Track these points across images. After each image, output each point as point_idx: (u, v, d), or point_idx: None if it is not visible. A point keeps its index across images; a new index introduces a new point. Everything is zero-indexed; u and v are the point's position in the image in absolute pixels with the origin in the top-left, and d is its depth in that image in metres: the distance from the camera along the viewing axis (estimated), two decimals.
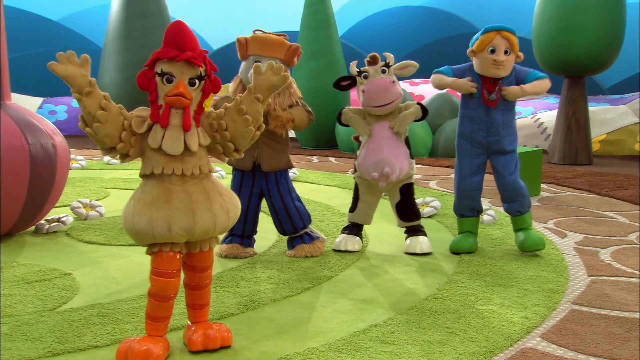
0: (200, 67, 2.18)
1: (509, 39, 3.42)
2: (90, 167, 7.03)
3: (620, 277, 3.27)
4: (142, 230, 2.17)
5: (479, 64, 3.49)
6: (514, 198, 3.62)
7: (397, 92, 3.50)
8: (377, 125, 3.56)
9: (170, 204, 2.17)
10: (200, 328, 2.36)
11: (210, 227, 2.22)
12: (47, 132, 3.89)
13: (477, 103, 3.55)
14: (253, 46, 3.45)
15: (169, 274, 2.25)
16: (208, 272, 2.39)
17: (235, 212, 2.30)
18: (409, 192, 3.67)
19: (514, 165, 3.60)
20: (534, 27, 7.55)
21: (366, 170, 3.56)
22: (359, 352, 2.36)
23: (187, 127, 2.19)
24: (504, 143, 3.56)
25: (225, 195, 2.28)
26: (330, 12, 8.71)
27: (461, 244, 3.64)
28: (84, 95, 2.13)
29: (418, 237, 3.68)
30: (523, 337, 2.52)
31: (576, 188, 5.79)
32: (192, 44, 2.17)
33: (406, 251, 3.66)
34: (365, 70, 3.54)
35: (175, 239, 2.19)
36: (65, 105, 10.34)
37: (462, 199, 3.67)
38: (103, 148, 2.22)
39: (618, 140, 8.17)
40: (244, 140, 2.27)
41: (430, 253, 3.65)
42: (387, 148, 3.52)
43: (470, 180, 3.63)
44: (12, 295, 2.95)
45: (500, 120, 3.54)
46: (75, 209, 4.50)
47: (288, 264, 3.44)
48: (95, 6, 12.40)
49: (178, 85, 2.15)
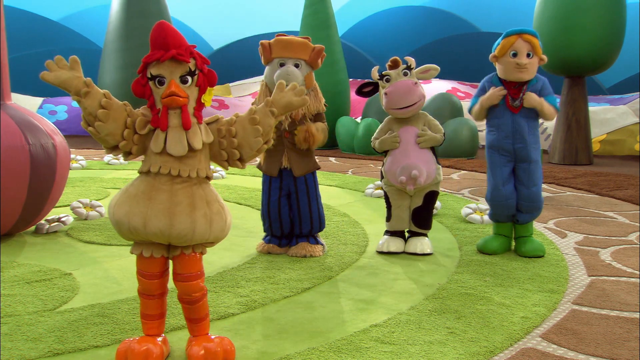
0: (187, 62, 2.12)
1: (531, 41, 3.40)
2: (91, 167, 7.04)
3: (620, 277, 3.27)
4: (120, 221, 2.16)
5: (502, 69, 3.47)
6: (531, 210, 3.59)
7: (420, 93, 3.51)
8: (402, 131, 3.58)
9: (151, 201, 2.13)
10: (202, 341, 2.28)
11: (188, 233, 2.14)
12: (47, 132, 3.89)
13: (502, 110, 3.51)
14: (277, 49, 3.43)
15: (150, 275, 2.25)
16: (195, 282, 2.26)
17: (221, 226, 2.19)
18: (432, 200, 3.67)
19: (538, 175, 3.56)
20: (534, 27, 7.55)
21: (393, 176, 3.57)
22: (359, 352, 2.36)
23: (187, 126, 2.14)
24: (530, 150, 3.51)
25: (214, 205, 2.19)
26: (331, 12, 8.71)
27: (488, 245, 3.63)
28: (83, 97, 2.11)
29: (420, 238, 3.69)
30: (523, 337, 2.52)
31: (576, 188, 5.79)
32: (176, 41, 2.12)
33: (406, 250, 3.66)
34: (387, 74, 3.54)
35: (151, 236, 2.15)
36: (65, 105, 10.34)
37: (498, 208, 3.62)
38: (106, 147, 2.20)
39: (618, 140, 8.18)
40: (250, 151, 2.22)
41: (431, 254, 3.65)
42: (413, 153, 3.54)
43: (503, 189, 3.57)
44: (13, 295, 2.95)
45: (525, 127, 3.49)
46: (76, 209, 4.50)
47: (288, 263, 3.44)
48: (96, 6, 12.41)
49: (170, 85, 2.11)
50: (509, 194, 3.57)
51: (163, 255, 2.23)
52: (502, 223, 3.67)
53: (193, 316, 2.32)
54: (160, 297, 2.31)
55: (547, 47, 7.30)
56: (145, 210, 2.12)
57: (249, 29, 11.98)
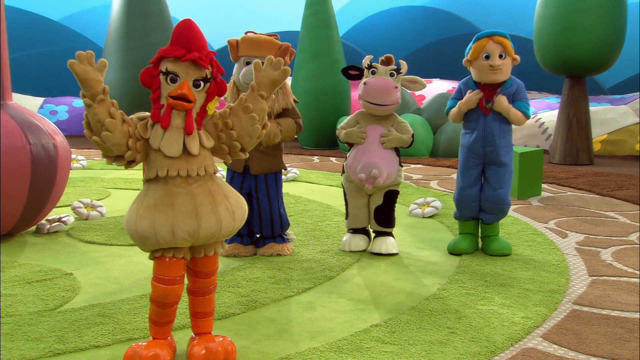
0: (206, 68, 2.12)
1: (502, 43, 3.43)
2: (91, 167, 7.04)
3: (621, 277, 3.27)
4: (145, 234, 2.11)
5: (476, 72, 3.50)
6: (495, 212, 3.64)
7: (395, 98, 3.51)
8: (370, 128, 3.58)
9: (174, 207, 2.11)
10: (203, 341, 2.28)
11: (216, 231, 2.16)
12: (48, 132, 3.89)
13: (475, 113, 3.56)
14: (244, 47, 3.45)
15: (170, 280, 2.19)
16: (212, 277, 2.32)
17: (242, 215, 2.23)
18: (392, 199, 3.68)
19: (506, 179, 3.61)
20: (534, 27, 7.54)
21: (354, 172, 3.57)
22: (360, 352, 2.36)
23: (190, 131, 2.13)
24: (500, 154, 3.56)
25: (231, 197, 2.22)
26: (331, 12, 8.71)
27: (458, 245, 3.65)
28: (96, 102, 2.07)
29: (385, 239, 3.68)
30: (524, 337, 2.52)
31: (577, 188, 5.79)
32: (200, 44, 2.12)
33: (371, 251, 3.66)
34: (375, 67, 3.55)
35: (179, 243, 2.13)
36: (66, 105, 10.34)
37: (463, 210, 3.69)
38: (109, 156, 2.16)
39: (619, 140, 8.17)
40: (250, 139, 2.22)
41: (396, 254, 3.65)
42: (376, 152, 3.53)
43: (469, 191, 3.63)
44: (13, 295, 2.95)
45: (497, 130, 3.54)
46: (76, 209, 4.50)
47: (289, 264, 3.44)
48: (96, 6, 12.41)
49: (182, 85, 2.09)
50: (473, 196, 3.63)
51: (184, 256, 2.22)
52: (467, 221, 3.70)
53: (201, 309, 2.32)
54: (173, 306, 2.26)
55: (547, 47, 7.31)
56: (171, 217, 2.10)
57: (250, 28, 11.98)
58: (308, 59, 8.44)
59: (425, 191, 5.57)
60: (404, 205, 5.02)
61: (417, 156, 7.93)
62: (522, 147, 5.70)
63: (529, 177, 5.33)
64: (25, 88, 10.61)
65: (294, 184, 5.89)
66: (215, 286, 2.36)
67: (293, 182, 6.00)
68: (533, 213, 4.73)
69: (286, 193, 5.39)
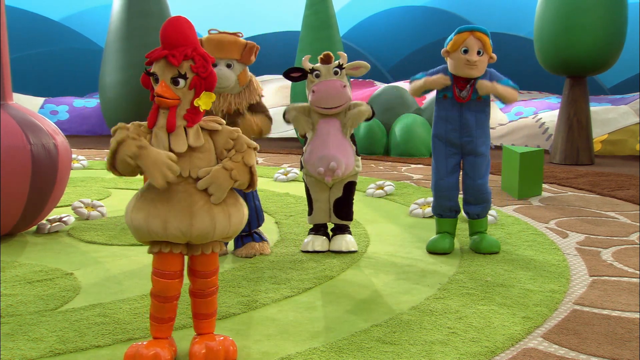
0: (175, 65, 2.11)
1: (482, 39, 3.44)
2: (92, 167, 7.04)
3: (621, 277, 3.27)
4: (138, 225, 2.16)
5: (453, 64, 3.52)
6: (478, 202, 3.66)
7: (347, 96, 3.51)
8: (323, 121, 3.57)
9: (170, 203, 2.14)
10: (204, 340, 2.28)
11: (209, 231, 2.16)
12: (48, 132, 3.89)
13: (450, 103, 3.58)
14: (208, 48, 3.40)
15: (169, 274, 2.22)
16: (212, 278, 2.31)
17: (239, 218, 2.22)
18: (351, 190, 3.70)
19: (484, 169, 3.63)
20: (535, 27, 7.54)
21: (312, 166, 3.57)
22: (360, 352, 2.36)
23: (170, 128, 2.14)
24: (477, 144, 3.58)
25: (229, 199, 2.21)
26: (332, 12, 8.71)
27: (438, 244, 3.65)
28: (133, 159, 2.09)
29: (344, 236, 3.69)
30: (524, 337, 2.52)
31: (578, 188, 5.79)
32: (176, 40, 2.12)
33: (331, 249, 3.66)
34: (318, 69, 3.53)
35: (171, 238, 2.16)
36: (66, 105, 10.35)
37: (440, 199, 3.69)
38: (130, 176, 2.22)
39: (620, 140, 8.17)
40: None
41: (355, 251, 3.66)
42: (333, 144, 3.53)
43: (447, 180, 3.65)
44: (14, 295, 2.95)
45: (472, 121, 3.56)
46: (77, 208, 4.50)
47: (289, 263, 3.44)
48: (97, 6, 12.42)
49: (159, 85, 2.12)
50: (451, 185, 3.65)
51: (182, 251, 2.23)
52: (445, 219, 3.71)
53: (202, 311, 2.32)
54: (173, 300, 2.28)
55: (548, 47, 7.31)
56: (165, 213, 2.13)
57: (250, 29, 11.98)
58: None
59: (426, 191, 5.57)
60: (404, 205, 5.02)
61: (417, 156, 7.93)
62: (523, 147, 5.70)
63: (530, 177, 5.33)
64: (25, 88, 10.62)
65: (294, 184, 5.89)
66: (216, 288, 2.35)
67: (293, 182, 6.00)
68: (533, 213, 4.73)
69: (286, 193, 5.40)
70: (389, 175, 6.54)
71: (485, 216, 3.73)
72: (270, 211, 4.70)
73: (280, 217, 4.53)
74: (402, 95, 8.45)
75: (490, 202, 3.71)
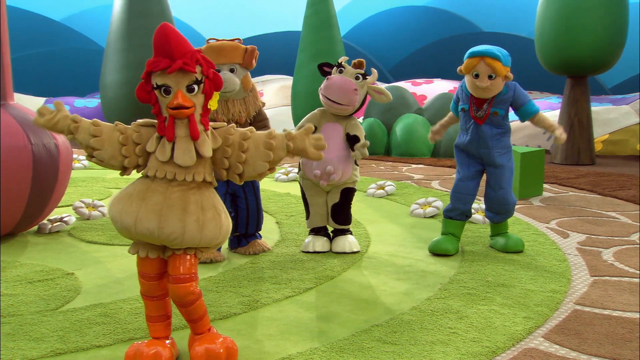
0: (194, 72, 2.09)
1: (492, 65, 3.41)
2: (93, 167, 7.04)
3: (622, 277, 3.26)
4: (113, 217, 2.19)
5: (468, 84, 3.55)
6: (499, 212, 3.70)
7: (352, 100, 3.52)
8: (327, 126, 3.59)
9: (144, 201, 2.13)
10: (205, 341, 2.26)
11: (178, 237, 2.11)
12: (49, 132, 3.89)
13: (468, 116, 3.62)
14: (210, 56, 3.40)
15: (150, 277, 2.26)
16: (186, 285, 2.18)
17: (214, 232, 2.15)
18: (348, 197, 3.70)
19: (505, 180, 3.64)
20: (536, 27, 7.54)
21: (310, 169, 3.58)
22: (361, 352, 2.36)
23: (195, 137, 2.13)
24: (494, 155, 3.59)
25: (209, 212, 2.15)
26: (333, 12, 8.71)
27: (441, 246, 3.64)
28: (74, 132, 2.16)
29: (346, 237, 3.70)
30: (525, 337, 2.52)
31: (579, 188, 5.78)
32: (181, 48, 2.07)
33: (334, 250, 3.67)
34: (344, 67, 3.58)
35: (140, 237, 2.16)
36: (67, 105, 10.35)
37: (457, 202, 3.69)
38: (117, 170, 2.22)
39: (620, 140, 8.17)
40: (253, 172, 2.20)
41: (358, 251, 3.67)
42: (333, 149, 3.53)
43: (467, 182, 3.67)
44: (15, 295, 2.95)
45: (488, 133, 3.58)
46: (78, 208, 4.51)
47: (290, 263, 3.44)
48: (98, 6, 12.42)
49: (176, 95, 2.08)
50: (470, 189, 3.67)
51: (159, 256, 2.23)
52: (453, 221, 3.72)
53: (189, 317, 2.30)
54: (161, 299, 2.30)
55: (549, 47, 7.30)
56: (137, 209, 2.13)
57: (251, 29, 11.99)
58: (309, 59, 8.44)
59: (427, 191, 5.57)
60: (405, 205, 5.02)
61: (418, 156, 7.93)
62: (524, 147, 5.70)
63: (531, 177, 5.33)
64: (26, 88, 10.62)
65: (295, 184, 5.89)
66: (195, 297, 2.22)
67: (294, 182, 6.00)
68: (534, 213, 4.73)
69: (287, 193, 5.40)
70: (389, 175, 6.54)
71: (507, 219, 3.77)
72: (271, 211, 4.70)
73: (281, 217, 4.53)
74: (402, 95, 8.45)
75: (512, 211, 3.72)
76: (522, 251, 3.67)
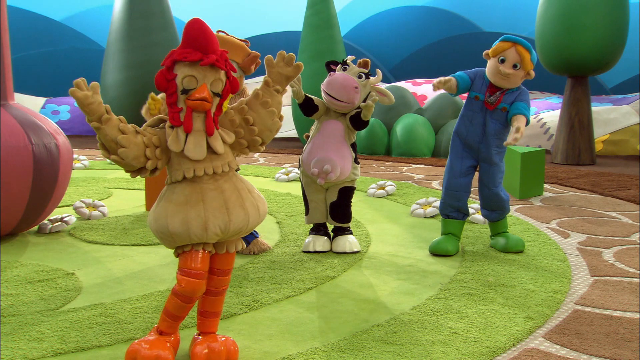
0: (224, 70, 2.11)
1: (522, 54, 3.43)
2: (93, 167, 7.04)
3: (623, 277, 3.26)
4: (176, 231, 2.11)
5: (489, 68, 3.54)
6: (494, 209, 3.72)
7: (352, 97, 3.51)
8: (328, 122, 3.59)
9: (205, 202, 2.13)
10: (206, 340, 2.28)
11: (244, 225, 2.19)
12: (50, 132, 3.89)
13: (479, 106, 3.60)
14: None
15: (198, 274, 2.18)
16: (228, 277, 2.34)
17: (264, 209, 2.27)
18: (347, 195, 3.70)
19: (498, 178, 3.67)
20: (536, 27, 7.54)
21: (309, 166, 3.58)
22: (361, 352, 2.36)
23: (211, 132, 2.14)
24: (492, 153, 3.60)
25: (254, 192, 2.26)
26: (333, 12, 8.71)
27: (441, 246, 3.63)
28: (104, 124, 2.07)
29: (347, 237, 3.70)
30: (526, 337, 2.52)
31: (579, 188, 5.78)
32: (215, 45, 2.10)
33: (335, 250, 3.67)
34: (348, 64, 3.59)
35: (211, 238, 2.15)
36: (68, 105, 10.36)
37: (449, 198, 3.70)
38: (131, 171, 2.16)
39: (621, 141, 8.16)
40: (270, 133, 2.24)
41: (359, 251, 3.67)
42: (332, 147, 3.54)
43: (459, 180, 3.68)
44: (15, 295, 2.96)
45: (492, 129, 3.57)
46: (78, 208, 4.51)
47: (290, 264, 3.44)
48: (98, 6, 12.42)
49: (201, 89, 2.07)
50: (462, 185, 3.67)
51: (211, 251, 2.23)
52: (451, 220, 3.72)
53: (211, 309, 2.33)
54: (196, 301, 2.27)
55: (549, 47, 7.30)
56: (203, 212, 2.12)
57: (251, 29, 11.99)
58: (310, 59, 8.43)
59: (427, 191, 5.57)
60: (405, 205, 5.02)
61: (419, 156, 7.93)
62: (524, 147, 5.70)
63: (531, 177, 5.33)
64: (27, 88, 10.63)
65: (295, 184, 5.89)
66: (227, 287, 2.37)
67: (294, 182, 6.00)
68: (535, 213, 4.73)
69: (287, 193, 5.40)
70: (390, 175, 6.54)
71: (505, 218, 3.77)
72: (271, 211, 4.70)
73: (282, 217, 4.53)
74: (403, 95, 8.45)
75: (507, 207, 3.74)
76: (522, 251, 3.67)
